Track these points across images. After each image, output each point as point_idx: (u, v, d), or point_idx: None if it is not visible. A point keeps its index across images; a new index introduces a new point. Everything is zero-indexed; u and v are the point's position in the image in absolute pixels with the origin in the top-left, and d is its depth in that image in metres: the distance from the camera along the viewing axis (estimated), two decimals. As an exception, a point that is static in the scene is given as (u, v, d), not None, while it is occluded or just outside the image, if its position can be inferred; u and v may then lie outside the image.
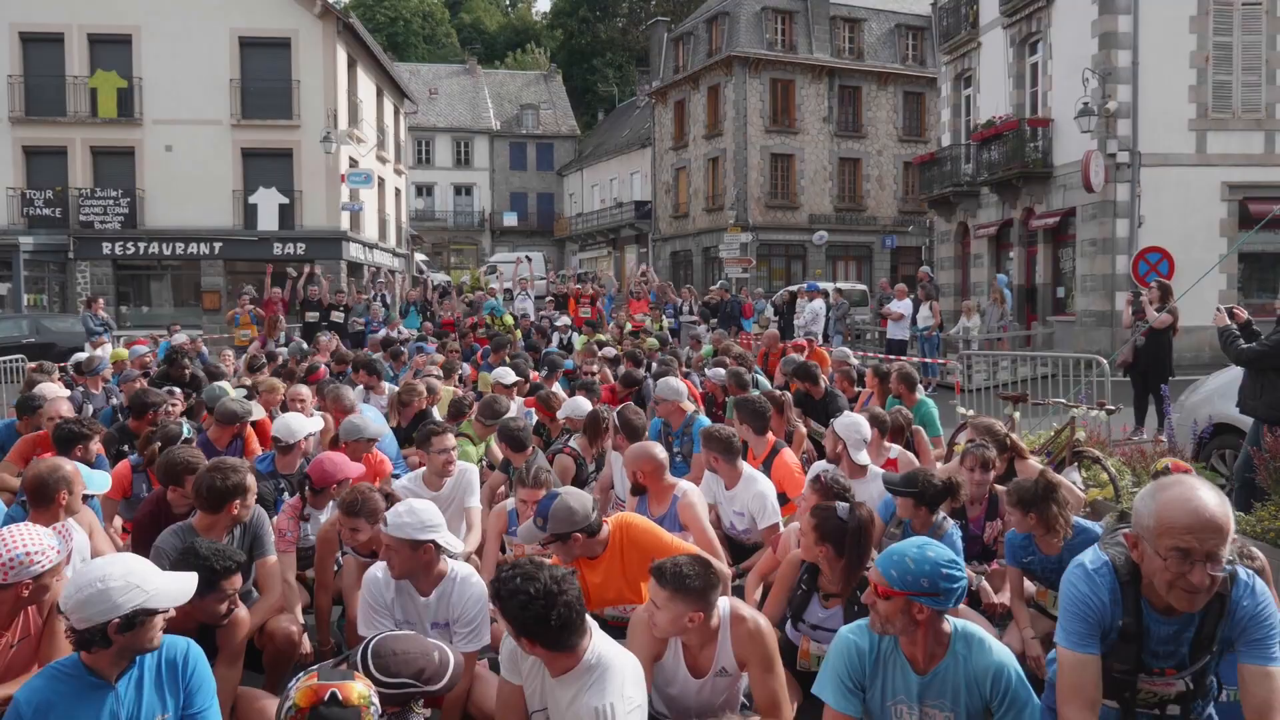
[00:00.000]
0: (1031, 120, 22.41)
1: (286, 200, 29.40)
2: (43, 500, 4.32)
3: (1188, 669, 2.64)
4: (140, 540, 4.83)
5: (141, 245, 28.66)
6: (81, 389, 9.38)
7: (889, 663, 3.08)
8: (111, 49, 28.57)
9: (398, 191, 39.85)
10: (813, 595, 4.19)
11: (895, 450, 6.14)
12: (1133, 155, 19.98)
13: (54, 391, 7.74)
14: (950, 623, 3.07)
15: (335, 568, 5.03)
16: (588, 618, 3.12)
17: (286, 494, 5.67)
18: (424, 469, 5.69)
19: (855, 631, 3.17)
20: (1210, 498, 2.43)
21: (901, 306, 18.93)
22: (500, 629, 3.71)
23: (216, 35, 28.51)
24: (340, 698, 2.50)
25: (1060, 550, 4.63)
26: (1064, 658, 2.73)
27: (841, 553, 3.85)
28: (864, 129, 40.81)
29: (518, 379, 8.37)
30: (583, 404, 7.07)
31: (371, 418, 6.80)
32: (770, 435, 6.35)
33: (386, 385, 9.41)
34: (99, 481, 4.82)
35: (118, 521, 5.75)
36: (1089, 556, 2.75)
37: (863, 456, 5.61)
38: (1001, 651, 3.05)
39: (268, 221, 29.17)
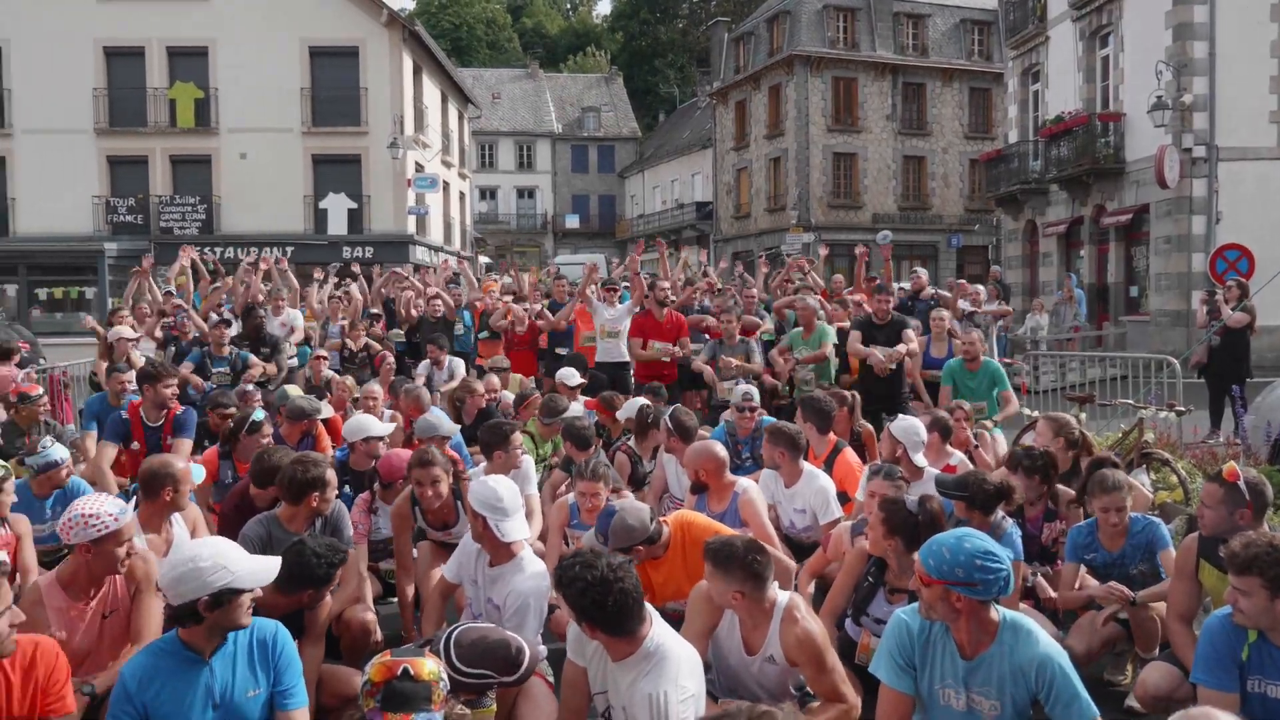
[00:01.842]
0: (1102, 115, 21.98)
1: (355, 205, 30.03)
2: (150, 493, 4.61)
3: None
4: (225, 530, 5.09)
5: (217, 250, 29.45)
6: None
7: (938, 646, 3.17)
8: (189, 61, 29.47)
9: (462, 195, 40.43)
10: (878, 589, 4.25)
11: (958, 457, 6.15)
12: (1209, 149, 19.50)
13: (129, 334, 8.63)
14: (999, 612, 3.13)
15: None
16: (648, 607, 3.25)
17: (349, 488, 5.87)
18: (484, 464, 5.84)
19: (908, 613, 3.27)
20: None
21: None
22: (564, 616, 3.88)
23: (288, 46, 29.22)
24: (412, 673, 2.64)
25: (1123, 545, 4.63)
26: None
27: (911, 546, 3.91)
28: (928, 126, 40.32)
29: (581, 380, 8.52)
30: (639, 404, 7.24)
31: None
32: (832, 435, 6.41)
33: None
34: (195, 474, 5.11)
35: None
36: None
37: (920, 458, 5.65)
38: (1049, 644, 3.10)
39: (337, 226, 29.84)
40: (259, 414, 6.34)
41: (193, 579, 3.02)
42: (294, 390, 8.29)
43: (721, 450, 5.37)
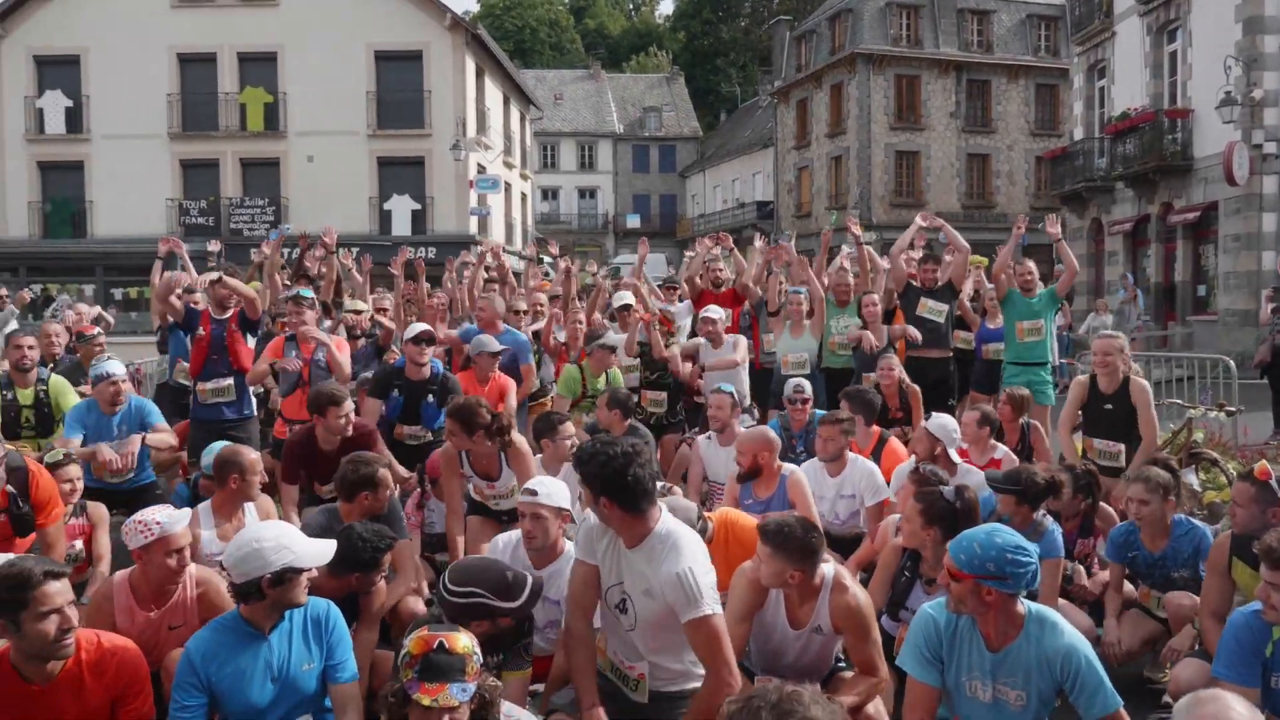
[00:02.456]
0: (1169, 111, 21.52)
1: (419, 206, 30.58)
2: (219, 480, 4.90)
3: None
4: (288, 467, 5.61)
5: (286, 250, 30.19)
6: None
7: (964, 639, 3.24)
8: (259, 66, 30.26)
9: (523, 196, 40.86)
10: (915, 582, 4.31)
11: (1001, 450, 6.16)
12: (1280, 146, 19.02)
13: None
14: (1025, 605, 3.20)
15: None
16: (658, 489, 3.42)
17: (398, 392, 6.32)
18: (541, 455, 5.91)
19: (934, 608, 3.34)
20: (1240, 718, 2.45)
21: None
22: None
23: (354, 50, 29.84)
24: (447, 646, 2.77)
25: (1165, 546, 4.64)
26: None
27: (949, 535, 3.96)
28: (993, 123, 39.72)
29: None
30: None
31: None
32: (875, 427, 6.48)
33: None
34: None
35: None
36: None
37: (955, 455, 5.72)
38: (1074, 635, 3.17)
39: (401, 227, 30.40)
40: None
41: (256, 559, 3.23)
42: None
43: (774, 434, 5.61)
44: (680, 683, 3.50)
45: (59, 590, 3.01)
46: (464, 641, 2.81)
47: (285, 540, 3.29)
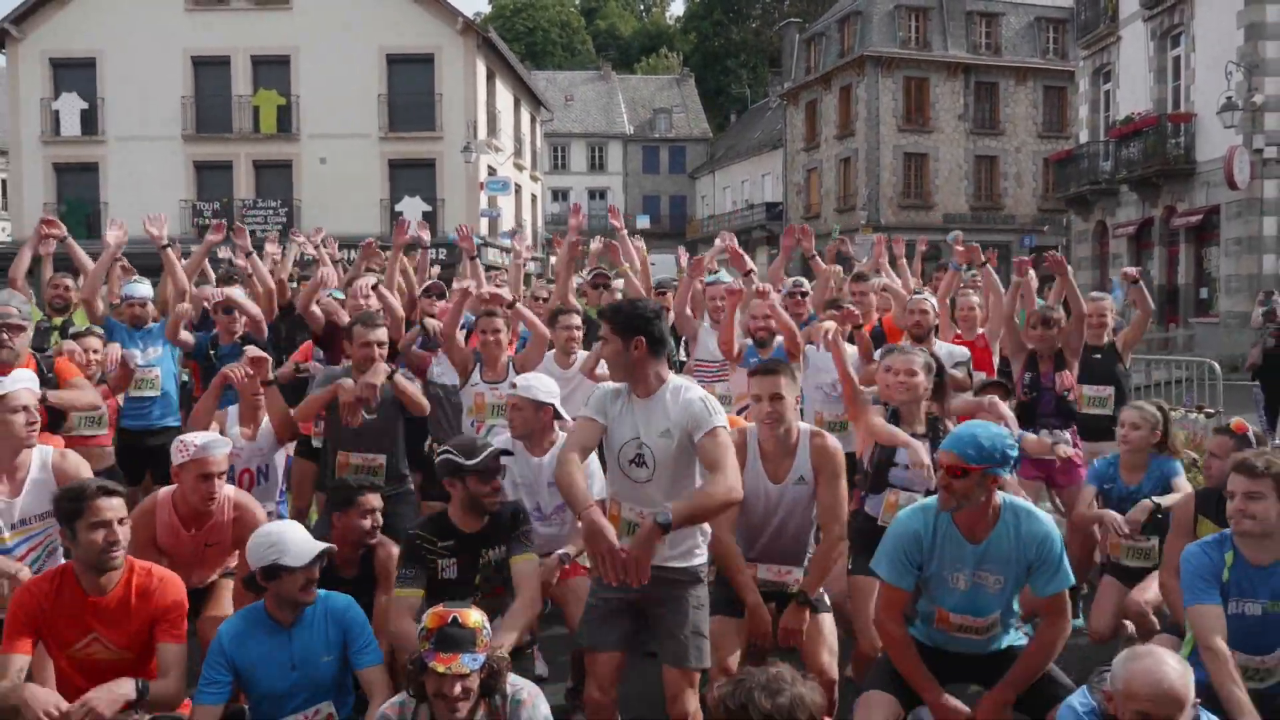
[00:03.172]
0: (1172, 116, 21.70)
1: (429, 208, 30.86)
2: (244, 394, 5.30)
3: None
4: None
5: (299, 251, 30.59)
6: None
7: (945, 538, 3.51)
8: (272, 69, 30.63)
9: (534, 197, 41.16)
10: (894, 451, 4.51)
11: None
12: (1281, 150, 19.15)
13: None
14: (999, 496, 3.48)
15: None
16: None
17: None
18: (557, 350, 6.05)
19: (912, 517, 3.59)
20: (1173, 671, 2.73)
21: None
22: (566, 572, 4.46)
23: (366, 53, 30.18)
24: (460, 621, 3.07)
25: (1141, 480, 4.94)
26: None
27: (936, 394, 4.47)
28: (1001, 125, 39.83)
29: None
30: None
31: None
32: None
33: None
34: None
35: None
36: (1078, 700, 3.04)
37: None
38: (1048, 522, 3.49)
39: (412, 228, 30.63)
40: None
41: (254, 551, 3.57)
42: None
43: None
44: (686, 558, 3.67)
45: (111, 506, 3.41)
46: (475, 617, 3.11)
47: (280, 539, 3.57)
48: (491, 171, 32.28)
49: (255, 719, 3.61)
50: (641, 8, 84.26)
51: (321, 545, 3.66)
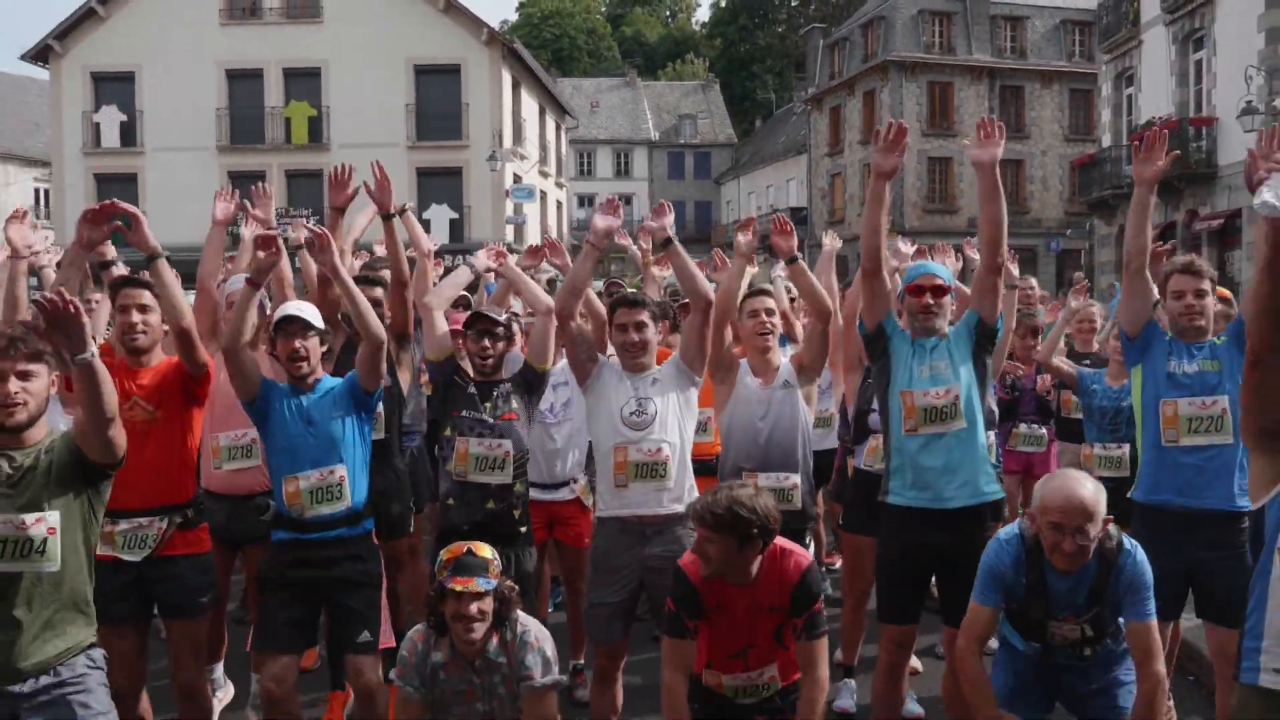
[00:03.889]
0: (1194, 120, 21.76)
1: (456, 215, 31.41)
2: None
3: (1084, 616, 3.27)
4: None
5: (329, 259, 31.19)
6: None
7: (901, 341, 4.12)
8: (303, 81, 31.32)
9: (559, 204, 41.64)
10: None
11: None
12: (1302, 154, 19.17)
13: None
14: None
15: None
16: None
17: None
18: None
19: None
20: (1085, 488, 3.13)
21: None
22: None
23: (395, 65, 30.76)
24: (474, 552, 3.51)
25: (1125, 384, 5.18)
26: (970, 607, 3.44)
27: None
28: (1027, 129, 39.79)
29: None
30: None
31: None
32: None
33: None
34: None
35: None
36: (1004, 531, 3.44)
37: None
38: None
39: (440, 235, 31.16)
40: None
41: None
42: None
43: None
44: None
45: (131, 295, 3.94)
46: (487, 551, 3.55)
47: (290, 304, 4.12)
48: (517, 179, 32.75)
49: (273, 470, 4.01)
50: (667, 14, 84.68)
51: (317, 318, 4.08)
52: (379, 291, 4.98)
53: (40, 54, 31.31)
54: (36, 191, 40.65)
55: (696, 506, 3.38)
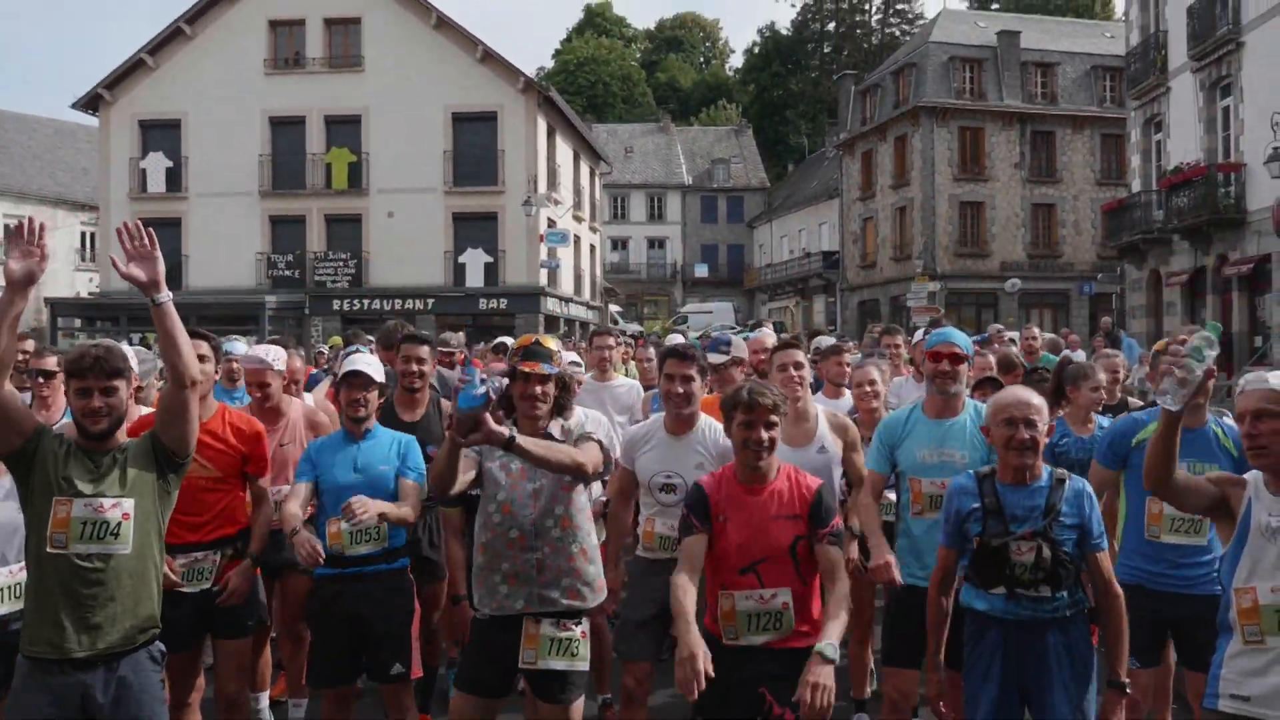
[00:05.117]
0: (1222, 165, 21.80)
1: (491, 259, 31.95)
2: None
3: (1040, 531, 3.47)
4: None
5: (366, 301, 31.87)
6: None
7: (915, 425, 4.37)
8: (344, 128, 32.15)
9: (592, 248, 42.17)
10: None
11: None
12: (1330, 200, 19.15)
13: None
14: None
15: None
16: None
17: None
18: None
19: (892, 417, 4.55)
20: (1026, 391, 3.68)
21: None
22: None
23: (432, 112, 31.53)
24: (541, 342, 3.91)
25: (1093, 432, 5.25)
26: (939, 553, 3.81)
27: None
28: (1058, 174, 39.88)
29: None
30: None
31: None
32: None
33: None
34: None
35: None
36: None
37: None
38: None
39: (474, 279, 31.80)
40: None
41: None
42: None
43: None
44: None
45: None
46: (553, 343, 3.97)
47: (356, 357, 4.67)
48: (551, 224, 33.29)
49: (321, 512, 4.42)
50: (701, 60, 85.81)
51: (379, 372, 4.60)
52: (424, 350, 5.35)
53: (91, 102, 32.42)
54: (83, 235, 41.96)
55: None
